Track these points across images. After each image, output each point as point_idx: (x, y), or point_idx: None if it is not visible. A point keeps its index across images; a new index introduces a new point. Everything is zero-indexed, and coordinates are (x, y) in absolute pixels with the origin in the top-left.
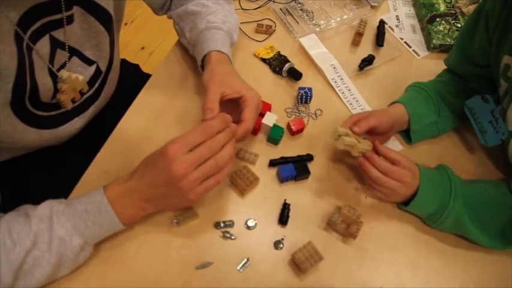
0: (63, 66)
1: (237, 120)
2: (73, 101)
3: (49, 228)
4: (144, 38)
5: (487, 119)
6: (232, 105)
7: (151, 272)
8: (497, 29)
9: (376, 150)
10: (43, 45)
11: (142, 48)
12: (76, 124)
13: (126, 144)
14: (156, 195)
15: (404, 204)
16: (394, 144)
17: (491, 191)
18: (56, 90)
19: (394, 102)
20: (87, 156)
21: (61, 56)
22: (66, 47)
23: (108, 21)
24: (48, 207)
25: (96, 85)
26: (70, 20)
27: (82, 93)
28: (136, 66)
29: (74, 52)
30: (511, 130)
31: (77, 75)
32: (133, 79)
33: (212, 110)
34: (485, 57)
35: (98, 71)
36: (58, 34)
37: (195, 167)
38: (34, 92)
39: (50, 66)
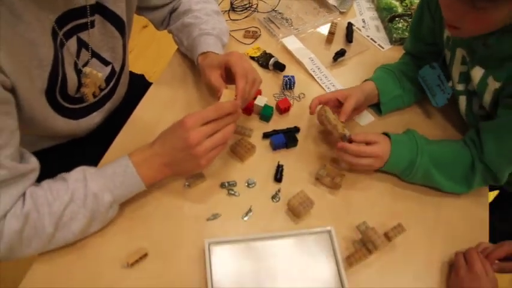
0: (85, 64)
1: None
2: (94, 95)
3: (84, 186)
4: (143, 65)
5: (435, 83)
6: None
7: (168, 226)
8: (437, 10)
9: (351, 140)
10: (71, 44)
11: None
12: (95, 118)
13: (139, 133)
14: (174, 160)
15: None
16: (367, 117)
17: (452, 145)
18: (80, 85)
19: (365, 81)
20: (103, 150)
21: (84, 55)
22: (90, 47)
23: (121, 27)
24: (81, 170)
25: (111, 84)
26: (92, 24)
27: (101, 89)
28: (142, 76)
29: (94, 53)
30: (457, 89)
31: (96, 72)
32: (139, 86)
33: (219, 87)
34: (432, 36)
35: (112, 71)
36: (83, 36)
37: (207, 138)
38: (63, 85)
39: (77, 60)
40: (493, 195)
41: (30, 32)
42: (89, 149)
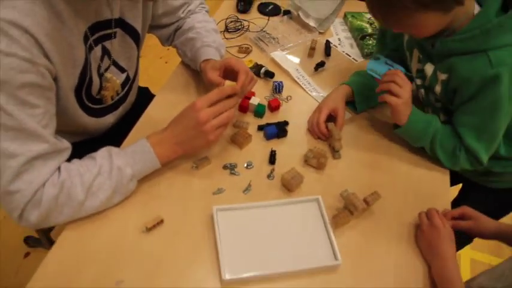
0: (106, 70)
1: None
2: (111, 98)
3: (109, 161)
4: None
5: (386, 68)
6: (232, 76)
7: (180, 199)
8: None
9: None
10: (97, 51)
11: None
12: (110, 119)
13: (149, 130)
14: (186, 138)
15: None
16: (346, 115)
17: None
18: (101, 88)
19: (341, 84)
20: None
21: (106, 62)
22: (111, 55)
23: (137, 39)
24: (106, 149)
25: (126, 89)
26: (114, 36)
27: (117, 94)
28: (147, 88)
29: (113, 61)
30: (417, 84)
31: (116, 78)
32: (145, 96)
33: (220, 82)
34: (395, 42)
35: (127, 78)
36: (107, 44)
37: (214, 117)
38: (88, 85)
39: (101, 64)
40: (456, 189)
41: (70, 35)
42: (102, 147)
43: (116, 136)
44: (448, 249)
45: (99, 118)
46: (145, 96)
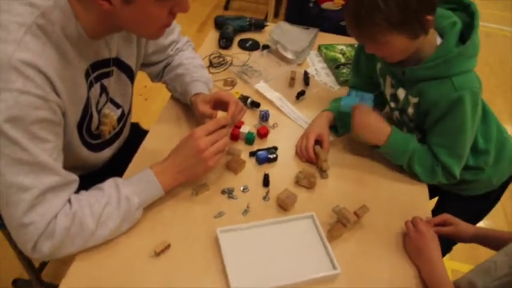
0: (103, 106)
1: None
2: (109, 133)
3: (117, 191)
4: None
5: (358, 98)
6: (222, 107)
7: (183, 224)
8: None
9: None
10: (96, 89)
11: None
12: (107, 153)
13: (147, 162)
14: (187, 166)
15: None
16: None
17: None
18: (99, 124)
19: (323, 110)
20: None
21: (103, 99)
22: (108, 92)
23: (131, 76)
24: (112, 180)
25: (121, 124)
26: (112, 74)
27: (113, 129)
28: (137, 123)
29: (110, 98)
30: (392, 107)
31: (113, 114)
32: (136, 130)
33: (211, 114)
34: (369, 70)
35: (122, 113)
36: (105, 82)
37: (212, 144)
38: (89, 121)
39: (99, 100)
40: (433, 202)
41: (75, 74)
42: (100, 181)
43: (112, 170)
44: (435, 252)
45: (98, 152)
46: (136, 131)
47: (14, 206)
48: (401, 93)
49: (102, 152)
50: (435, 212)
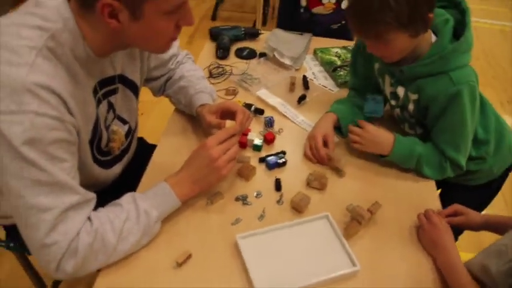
0: (110, 123)
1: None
2: (119, 149)
3: (136, 206)
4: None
5: (375, 108)
6: (228, 116)
7: (202, 234)
8: (365, 51)
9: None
10: (104, 106)
11: None
12: (116, 169)
13: (157, 176)
14: (200, 176)
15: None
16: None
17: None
18: (108, 140)
19: (326, 112)
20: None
21: (111, 116)
22: (115, 109)
23: (136, 91)
24: (130, 195)
25: (128, 139)
26: (117, 91)
27: (122, 144)
28: (142, 138)
29: (117, 115)
30: (392, 104)
31: (120, 130)
32: (142, 145)
33: (219, 124)
34: (366, 71)
35: (129, 129)
36: (112, 99)
37: (224, 153)
38: (99, 139)
39: (107, 117)
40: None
41: (84, 93)
42: (111, 197)
43: (122, 186)
44: (449, 241)
45: (108, 169)
46: (142, 146)
47: (35, 228)
48: (400, 91)
49: (112, 168)
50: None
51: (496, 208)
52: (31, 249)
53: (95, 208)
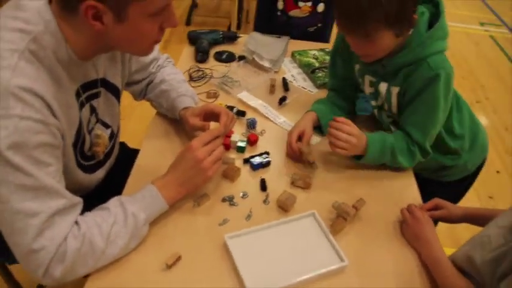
0: (93, 128)
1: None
2: (103, 153)
3: (123, 209)
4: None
5: (366, 106)
6: (212, 118)
7: (190, 235)
8: (344, 52)
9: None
10: (86, 110)
11: None
12: (99, 174)
13: (142, 179)
14: (187, 178)
15: (359, 158)
16: (315, 139)
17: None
18: (91, 145)
19: (307, 112)
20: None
21: (93, 120)
22: (98, 113)
23: (118, 95)
24: (116, 198)
25: (111, 144)
26: (99, 95)
27: (106, 148)
28: (123, 142)
29: (99, 119)
30: (372, 105)
31: (104, 134)
32: (124, 150)
33: (203, 126)
34: (346, 72)
35: (112, 133)
36: (94, 103)
37: (209, 154)
38: (82, 143)
39: (90, 121)
40: None
41: (67, 96)
42: (96, 203)
43: (105, 191)
44: (432, 235)
45: (91, 174)
46: (124, 150)
47: (22, 233)
48: (383, 87)
49: (95, 173)
50: None
51: (470, 202)
52: (18, 255)
53: (82, 213)
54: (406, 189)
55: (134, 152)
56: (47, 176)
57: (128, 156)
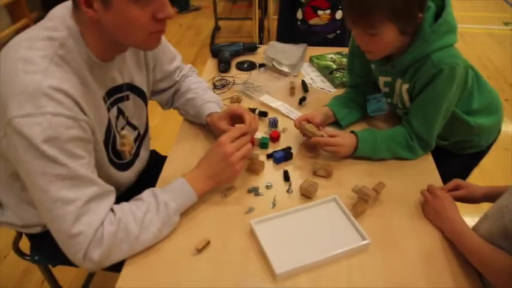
0: (122, 129)
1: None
2: (130, 154)
3: (155, 199)
4: None
5: (379, 106)
6: (237, 121)
7: (218, 223)
8: (359, 53)
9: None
10: (114, 112)
11: None
12: (131, 174)
13: (175, 175)
14: (216, 171)
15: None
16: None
17: (394, 129)
18: (120, 144)
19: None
20: None
21: (121, 121)
22: (125, 115)
23: (145, 99)
24: (149, 190)
25: (137, 144)
26: (127, 98)
27: (132, 149)
28: (154, 150)
29: (127, 121)
30: (390, 102)
31: (129, 135)
32: (155, 157)
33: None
34: (363, 70)
35: (138, 134)
36: (121, 106)
37: (237, 150)
38: (113, 141)
39: (117, 123)
40: None
41: (94, 97)
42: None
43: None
44: (454, 211)
45: (123, 172)
46: (155, 157)
47: (61, 220)
48: (398, 84)
49: (126, 172)
50: None
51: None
52: (59, 242)
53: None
54: (425, 171)
55: (165, 159)
56: (80, 166)
57: (159, 163)
